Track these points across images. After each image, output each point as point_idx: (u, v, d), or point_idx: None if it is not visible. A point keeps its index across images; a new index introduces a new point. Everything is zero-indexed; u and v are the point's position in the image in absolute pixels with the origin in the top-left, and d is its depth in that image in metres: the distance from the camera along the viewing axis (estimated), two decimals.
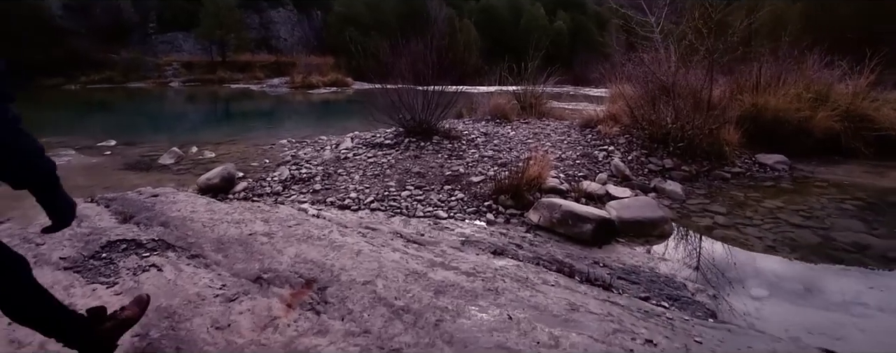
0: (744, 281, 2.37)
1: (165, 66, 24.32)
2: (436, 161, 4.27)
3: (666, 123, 4.62)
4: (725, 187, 4.02)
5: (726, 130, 4.63)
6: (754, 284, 2.36)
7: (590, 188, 3.49)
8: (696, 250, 2.74)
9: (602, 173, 3.93)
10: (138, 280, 2.17)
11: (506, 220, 3.13)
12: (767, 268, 2.57)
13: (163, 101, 15.92)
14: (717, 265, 2.55)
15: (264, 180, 3.94)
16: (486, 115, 6.38)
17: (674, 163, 4.23)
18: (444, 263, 2.08)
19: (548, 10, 37.35)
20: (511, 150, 4.62)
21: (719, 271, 2.49)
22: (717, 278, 2.40)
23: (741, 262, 2.60)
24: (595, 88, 14.34)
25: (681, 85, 4.89)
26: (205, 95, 17.64)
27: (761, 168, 4.50)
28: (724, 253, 2.71)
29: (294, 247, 2.23)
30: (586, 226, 2.67)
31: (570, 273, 2.28)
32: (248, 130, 7.79)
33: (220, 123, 9.72)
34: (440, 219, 3.12)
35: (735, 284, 2.34)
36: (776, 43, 6.46)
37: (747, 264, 2.57)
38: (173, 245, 2.52)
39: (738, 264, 2.57)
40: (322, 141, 5.67)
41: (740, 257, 2.67)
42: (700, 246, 2.80)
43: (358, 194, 3.53)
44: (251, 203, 3.28)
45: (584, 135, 5.12)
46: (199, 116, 11.45)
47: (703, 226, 3.14)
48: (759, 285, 2.35)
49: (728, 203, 3.60)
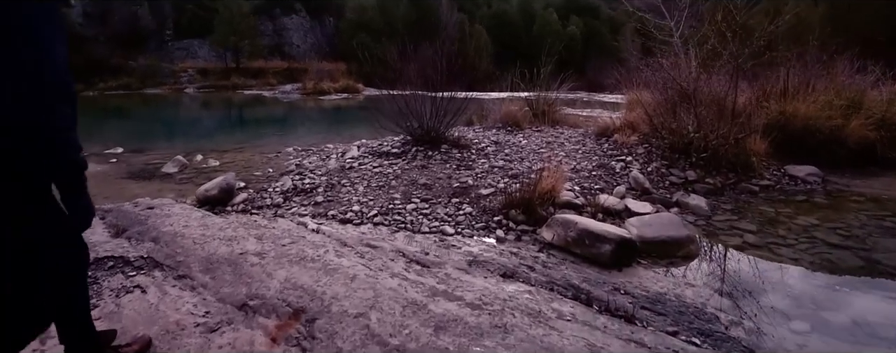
0: (782, 312, 2.13)
1: (181, 72, 24.67)
2: (443, 172, 4.08)
3: (687, 132, 4.37)
4: (754, 201, 3.75)
5: (752, 140, 4.36)
6: (794, 315, 2.11)
7: (607, 203, 3.26)
8: (726, 274, 2.50)
9: (620, 186, 3.69)
10: (120, 303, 2.02)
11: (517, 237, 2.92)
12: (807, 295, 2.31)
13: (176, 107, 16.07)
14: (751, 292, 2.30)
15: (265, 192, 3.80)
16: (496, 122, 6.18)
17: (697, 175, 3.97)
18: (447, 291, 1.88)
19: (560, 16, 37.07)
20: (523, 160, 4.41)
21: (753, 299, 2.24)
22: (751, 308, 2.15)
23: (777, 288, 2.35)
24: (609, 94, 14.05)
25: (703, 91, 4.64)
26: (218, 102, 17.79)
27: (792, 181, 4.21)
28: (757, 278, 2.47)
29: (285, 269, 2.06)
30: (605, 246, 2.44)
31: (588, 301, 2.06)
32: (255, 138, 7.71)
33: (229, 130, 9.69)
34: (447, 235, 2.93)
35: (772, 316, 2.10)
36: (802, 47, 6.14)
37: (784, 292, 2.32)
38: (161, 264, 2.37)
39: (774, 291, 2.32)
40: (328, 149, 5.54)
41: (775, 283, 2.41)
42: (730, 270, 2.55)
43: (361, 207, 3.36)
44: (248, 217, 3.13)
45: (599, 144, 4.88)
46: (210, 123, 11.47)
47: (732, 246, 2.89)
48: (800, 316, 2.10)
49: (758, 220, 3.34)
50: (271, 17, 29.81)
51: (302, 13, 31.28)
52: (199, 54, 27.40)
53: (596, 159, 4.39)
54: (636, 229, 2.78)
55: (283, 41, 30.03)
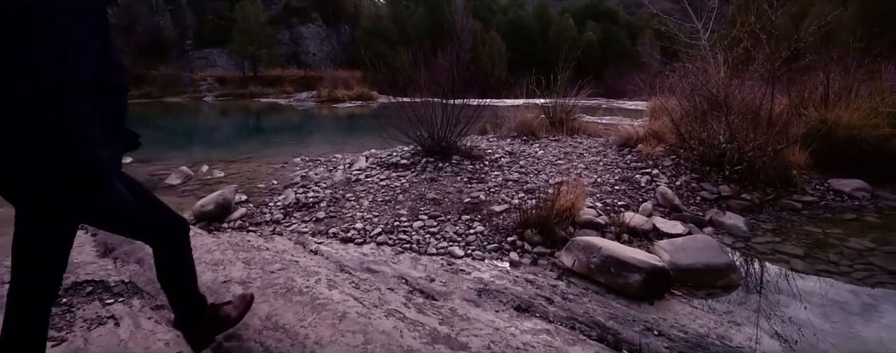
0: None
1: (200, 81, 25.12)
2: (454, 186, 3.82)
3: (719, 142, 4.03)
4: (797, 220, 3.39)
5: (791, 151, 3.99)
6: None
7: (633, 222, 2.96)
8: (776, 310, 2.17)
9: (646, 203, 3.38)
10: (89, 338, 1.82)
11: (533, 260, 2.64)
12: (872, 339, 1.97)
13: (193, 115, 16.25)
14: (805, 335, 1.97)
15: (266, 206, 3.60)
16: (511, 131, 5.91)
17: (731, 190, 3.62)
18: (449, 336, 1.62)
19: (577, 21, 36.69)
20: (539, 172, 4.13)
21: (809, 343, 1.91)
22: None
23: (838, 331, 2.01)
24: (629, 101, 13.62)
25: (735, 98, 4.29)
26: (235, 110, 17.95)
27: (837, 196, 3.83)
28: (810, 316, 2.13)
29: (268, 303, 1.82)
30: (633, 276, 2.15)
31: (616, 345, 1.77)
32: (265, 147, 7.60)
33: (240, 139, 9.64)
34: (455, 257, 2.67)
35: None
36: (839, 49, 5.72)
37: (846, 336, 1.98)
38: (142, 290, 2.17)
39: (834, 335, 1.98)
40: (336, 160, 5.34)
41: (835, 323, 2.07)
42: (780, 305, 2.22)
43: (364, 225, 3.13)
44: (243, 236, 2.92)
45: (622, 155, 4.56)
46: (222, 132, 11.48)
47: (778, 274, 2.55)
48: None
49: (804, 242, 2.98)
50: (288, 26, 30.24)
51: (318, 22, 31.66)
52: (218, 63, 27.90)
53: (618, 172, 4.07)
54: (668, 254, 2.47)
55: (299, 50, 30.39)
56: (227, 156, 6.39)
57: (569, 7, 40.79)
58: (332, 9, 32.56)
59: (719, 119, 4.24)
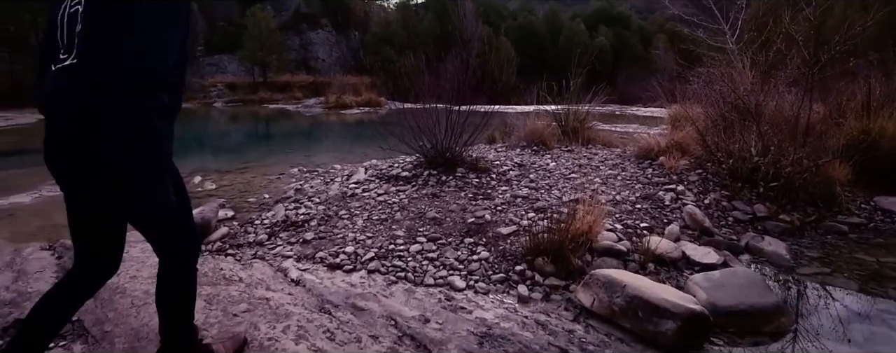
0: None
1: (211, 87, 25.22)
2: (457, 202, 3.49)
3: (750, 155, 3.64)
4: (844, 245, 2.98)
5: (832, 165, 3.59)
6: None
7: (659, 248, 2.59)
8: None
9: (672, 224, 3.00)
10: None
11: (544, 295, 2.29)
12: None
13: (201, 121, 16.16)
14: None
15: (252, 224, 3.30)
16: (521, 140, 5.55)
17: (768, 210, 3.23)
18: None
19: (589, 26, 36.24)
20: (551, 188, 3.77)
21: None
22: None
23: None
24: (643, 108, 13.17)
25: (767, 106, 3.91)
26: (243, 116, 17.87)
27: (886, 217, 3.41)
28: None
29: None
30: (667, 324, 1.79)
31: None
32: (265, 156, 7.36)
33: (242, 147, 9.44)
34: (455, 290, 2.33)
35: None
36: (877, 52, 5.29)
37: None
38: (88, 332, 1.87)
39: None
40: (334, 171, 5.05)
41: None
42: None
43: (356, 248, 2.81)
44: (217, 262, 2.62)
45: (642, 168, 4.18)
46: (225, 139, 11.32)
47: (834, 317, 2.16)
48: None
49: (857, 274, 2.58)
50: (298, 31, 30.33)
51: (328, 28, 31.71)
52: (229, 69, 28.04)
53: (639, 188, 3.70)
54: (705, 292, 2.10)
55: (309, 55, 30.44)
56: (224, 165, 6.15)
57: (580, 12, 40.38)
58: (341, 15, 32.61)
59: (749, 129, 3.86)
